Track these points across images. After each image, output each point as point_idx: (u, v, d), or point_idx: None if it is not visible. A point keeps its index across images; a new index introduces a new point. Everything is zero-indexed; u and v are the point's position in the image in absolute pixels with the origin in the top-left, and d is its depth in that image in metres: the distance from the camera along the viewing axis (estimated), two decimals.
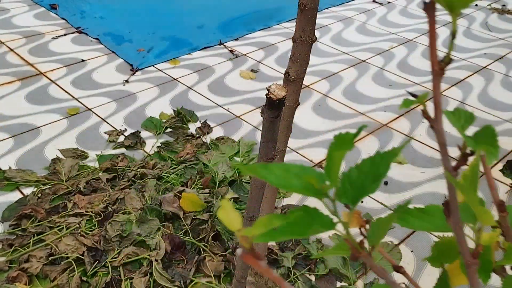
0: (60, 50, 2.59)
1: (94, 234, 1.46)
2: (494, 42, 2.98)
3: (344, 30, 3.05)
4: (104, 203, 1.57)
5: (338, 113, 2.17)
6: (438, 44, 2.90)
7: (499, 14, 3.41)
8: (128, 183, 1.67)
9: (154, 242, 1.44)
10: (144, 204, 1.58)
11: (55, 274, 1.35)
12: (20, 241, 1.43)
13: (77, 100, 2.18)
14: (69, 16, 2.98)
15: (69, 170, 1.72)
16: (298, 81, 0.90)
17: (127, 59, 2.53)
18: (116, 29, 2.87)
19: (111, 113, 2.10)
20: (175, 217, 1.55)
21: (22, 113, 2.06)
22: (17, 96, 2.17)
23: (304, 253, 1.46)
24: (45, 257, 1.39)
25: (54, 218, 1.51)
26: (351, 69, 2.55)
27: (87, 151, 1.85)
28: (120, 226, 1.48)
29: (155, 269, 1.36)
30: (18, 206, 1.57)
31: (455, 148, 1.69)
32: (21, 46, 2.60)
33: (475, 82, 2.50)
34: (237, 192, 1.68)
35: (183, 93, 2.28)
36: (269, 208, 1.12)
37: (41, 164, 1.77)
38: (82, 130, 1.98)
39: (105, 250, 1.42)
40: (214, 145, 1.91)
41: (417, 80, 2.50)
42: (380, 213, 1.64)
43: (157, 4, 3.24)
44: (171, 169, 1.76)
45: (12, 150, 1.84)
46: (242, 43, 2.80)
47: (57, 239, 1.44)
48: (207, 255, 1.42)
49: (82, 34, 2.79)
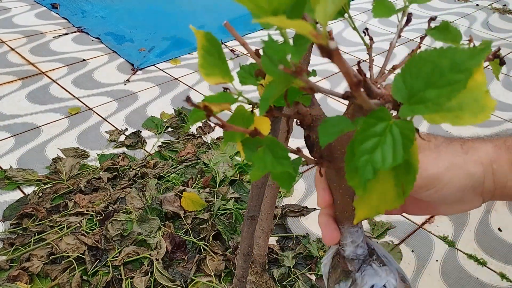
0: (61, 49, 2.59)
1: (95, 233, 1.47)
2: (495, 42, 2.97)
3: (345, 30, 3.05)
4: (105, 203, 1.57)
5: (339, 113, 2.16)
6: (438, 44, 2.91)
7: (500, 14, 3.41)
8: (129, 182, 1.67)
9: (155, 241, 1.44)
10: (145, 203, 1.58)
11: (56, 273, 1.35)
12: (21, 240, 1.44)
13: (78, 99, 2.18)
14: (70, 15, 2.99)
15: (70, 170, 1.72)
16: None
17: (128, 59, 2.54)
18: (117, 28, 2.87)
19: (112, 112, 2.10)
20: (175, 216, 1.55)
21: (23, 113, 2.06)
22: (18, 96, 2.18)
23: (305, 252, 1.46)
24: (46, 256, 1.39)
25: (55, 217, 1.52)
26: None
27: (88, 151, 1.85)
28: (120, 225, 1.48)
29: (155, 268, 1.36)
30: (19, 205, 1.57)
31: None
32: (22, 45, 2.60)
33: None
34: (237, 191, 1.68)
35: (184, 92, 2.28)
36: (269, 207, 1.12)
37: (42, 164, 1.77)
38: (83, 130, 1.98)
39: (105, 249, 1.42)
40: (215, 145, 1.91)
41: None
42: None
43: (158, 4, 3.25)
44: (172, 168, 1.76)
45: (13, 149, 1.84)
46: None
47: (58, 238, 1.44)
48: (208, 255, 1.42)
49: (83, 33, 2.79)
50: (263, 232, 1.18)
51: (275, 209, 1.57)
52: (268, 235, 1.20)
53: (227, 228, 1.51)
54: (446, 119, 0.29)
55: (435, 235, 1.56)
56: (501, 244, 1.55)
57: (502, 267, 1.47)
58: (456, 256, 1.50)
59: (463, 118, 0.29)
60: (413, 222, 1.61)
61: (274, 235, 1.52)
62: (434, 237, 1.56)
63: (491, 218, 1.65)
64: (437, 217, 1.63)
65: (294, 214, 1.60)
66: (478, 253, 1.51)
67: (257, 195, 0.77)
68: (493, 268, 1.46)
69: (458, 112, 0.29)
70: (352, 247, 0.42)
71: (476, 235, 1.58)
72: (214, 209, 1.56)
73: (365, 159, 0.28)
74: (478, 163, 0.39)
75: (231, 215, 1.56)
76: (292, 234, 1.52)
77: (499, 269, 1.46)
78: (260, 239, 1.20)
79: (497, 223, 1.63)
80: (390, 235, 1.55)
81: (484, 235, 1.58)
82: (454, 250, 1.52)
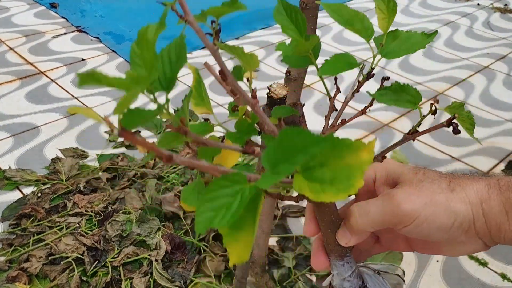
0: (60, 49, 2.59)
1: (94, 233, 1.46)
2: (496, 41, 2.97)
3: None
4: (104, 203, 1.57)
5: None
6: (439, 44, 2.89)
7: (501, 13, 3.40)
8: (128, 182, 1.67)
9: (154, 242, 1.44)
10: (144, 203, 1.57)
11: (55, 273, 1.34)
12: (20, 240, 1.43)
13: (77, 99, 2.17)
14: (69, 15, 2.98)
15: (69, 170, 1.71)
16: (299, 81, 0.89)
17: (128, 58, 2.53)
18: (116, 28, 2.86)
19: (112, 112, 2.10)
20: (175, 216, 1.54)
21: (22, 112, 2.05)
22: (17, 95, 2.17)
23: (305, 253, 1.45)
24: (45, 256, 1.38)
25: (54, 217, 1.51)
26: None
27: (87, 151, 1.85)
28: (120, 225, 1.47)
29: (155, 269, 1.36)
30: (18, 205, 1.57)
31: (456, 148, 1.68)
32: (21, 45, 2.59)
33: (476, 82, 2.50)
34: None
35: (183, 92, 2.27)
36: (269, 208, 1.12)
37: (41, 164, 1.76)
38: (82, 130, 1.97)
39: (105, 250, 1.42)
40: None
41: (418, 79, 2.49)
42: None
43: (157, 3, 3.24)
44: (171, 168, 1.75)
45: (12, 150, 1.83)
46: (243, 42, 2.80)
47: (57, 238, 1.43)
48: (208, 255, 1.41)
49: (82, 33, 2.79)
50: (263, 233, 1.17)
51: (275, 209, 1.56)
52: (268, 236, 1.20)
53: None
54: (312, 190, 0.30)
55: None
56: (502, 245, 1.55)
57: (503, 267, 1.46)
58: (457, 257, 1.49)
59: (326, 193, 0.29)
60: None
61: (274, 236, 1.51)
62: None
63: None
64: None
65: (294, 215, 1.60)
66: (479, 253, 1.50)
67: None
68: (494, 269, 1.46)
69: (326, 185, 0.30)
70: (338, 279, 0.42)
71: None
72: None
73: (206, 216, 0.30)
74: (464, 201, 0.38)
75: None
76: (292, 234, 1.52)
77: (500, 269, 1.45)
78: (260, 240, 1.19)
79: None
80: None
81: None
82: None
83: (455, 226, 0.38)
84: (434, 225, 0.37)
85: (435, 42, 2.91)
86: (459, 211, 0.37)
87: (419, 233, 0.38)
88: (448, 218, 0.37)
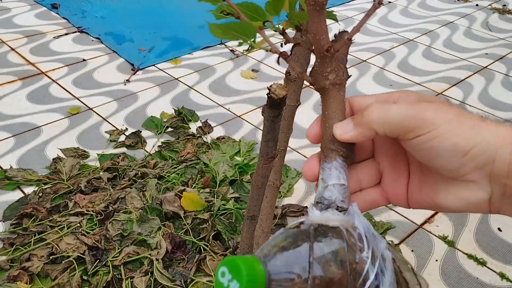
0: (61, 49, 2.60)
1: (95, 233, 1.47)
2: (494, 42, 2.98)
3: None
4: (105, 202, 1.58)
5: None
6: (438, 44, 2.90)
7: (499, 14, 3.41)
8: (129, 182, 1.67)
9: (155, 241, 1.45)
10: (145, 203, 1.58)
11: (56, 273, 1.35)
12: (21, 240, 1.44)
13: (78, 99, 2.18)
14: (70, 15, 2.99)
15: (70, 170, 1.72)
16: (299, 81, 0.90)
17: (128, 59, 2.54)
18: (117, 28, 2.87)
19: (112, 112, 2.11)
20: (175, 216, 1.55)
21: (23, 113, 2.06)
22: (18, 96, 2.18)
23: None
24: (46, 256, 1.39)
25: (55, 217, 1.52)
26: (352, 69, 2.55)
27: (88, 151, 1.86)
28: (121, 225, 1.48)
29: (155, 268, 1.36)
30: (19, 205, 1.57)
31: None
32: (22, 45, 2.60)
33: (475, 82, 2.50)
34: (237, 191, 1.68)
35: (184, 92, 2.28)
36: (269, 208, 1.12)
37: (42, 164, 1.77)
38: (83, 130, 1.98)
39: (106, 249, 1.42)
40: (215, 145, 1.91)
41: (417, 80, 2.50)
42: (381, 212, 1.64)
43: (158, 4, 3.25)
44: (172, 168, 1.76)
45: (13, 149, 1.84)
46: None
47: (58, 238, 1.44)
48: (208, 255, 1.42)
49: (83, 33, 2.80)
50: (263, 232, 1.18)
51: (275, 209, 1.57)
52: (268, 235, 1.21)
53: (227, 228, 1.51)
54: None
55: (435, 235, 1.56)
56: (501, 244, 1.55)
57: (502, 267, 1.47)
58: (456, 256, 1.50)
59: None
60: (413, 222, 1.61)
61: None
62: (434, 237, 1.56)
63: (491, 218, 1.65)
64: (437, 217, 1.63)
65: (294, 214, 1.61)
66: (478, 253, 1.51)
67: (257, 195, 0.77)
68: (493, 268, 1.46)
69: None
70: (321, 187, 0.37)
71: (476, 235, 1.58)
72: (214, 209, 1.56)
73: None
74: (493, 133, 0.33)
75: (231, 215, 1.56)
76: None
77: (499, 269, 1.46)
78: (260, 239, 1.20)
79: (497, 223, 1.63)
80: (390, 235, 1.55)
81: (484, 235, 1.58)
82: (454, 250, 1.52)
83: (470, 154, 0.33)
84: (449, 142, 0.33)
85: (434, 43, 2.92)
86: (482, 140, 0.33)
87: (429, 149, 0.34)
88: (467, 141, 0.33)
